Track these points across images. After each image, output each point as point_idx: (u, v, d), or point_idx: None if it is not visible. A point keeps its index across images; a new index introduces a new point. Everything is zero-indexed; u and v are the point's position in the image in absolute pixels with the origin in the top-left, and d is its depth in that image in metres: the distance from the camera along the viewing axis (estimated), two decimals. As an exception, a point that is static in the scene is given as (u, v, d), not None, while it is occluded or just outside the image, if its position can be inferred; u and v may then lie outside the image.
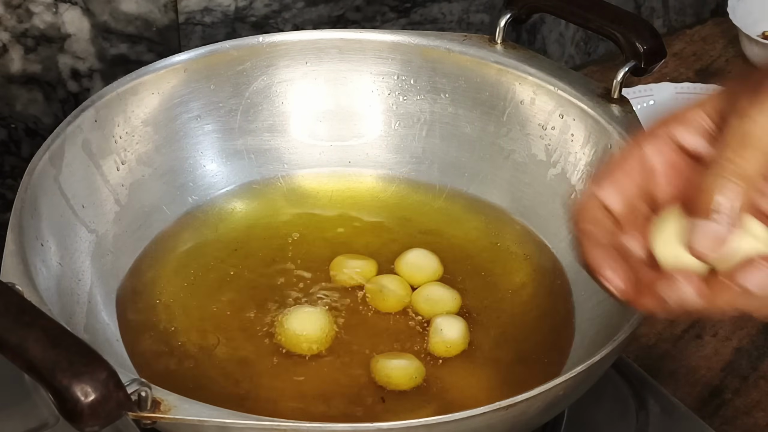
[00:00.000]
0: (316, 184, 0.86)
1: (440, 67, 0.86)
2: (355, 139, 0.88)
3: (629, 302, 0.52)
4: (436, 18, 1.06)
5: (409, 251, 0.80)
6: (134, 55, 0.91)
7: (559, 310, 0.76)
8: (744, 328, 0.88)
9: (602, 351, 0.61)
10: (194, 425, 0.56)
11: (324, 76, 0.87)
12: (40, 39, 0.87)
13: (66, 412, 0.50)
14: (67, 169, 0.74)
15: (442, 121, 0.86)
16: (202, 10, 0.93)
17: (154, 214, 0.81)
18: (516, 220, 0.83)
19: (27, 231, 0.68)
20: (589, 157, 0.80)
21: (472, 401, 0.68)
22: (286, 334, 0.73)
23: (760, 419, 0.80)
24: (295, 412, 0.68)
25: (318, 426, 0.56)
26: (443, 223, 0.84)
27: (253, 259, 0.80)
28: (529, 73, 0.83)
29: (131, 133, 0.80)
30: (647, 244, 0.52)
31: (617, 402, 0.78)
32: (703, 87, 1.04)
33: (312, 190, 0.86)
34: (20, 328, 0.52)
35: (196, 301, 0.76)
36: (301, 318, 0.73)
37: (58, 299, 0.68)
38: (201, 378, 0.71)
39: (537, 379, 0.60)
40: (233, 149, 0.85)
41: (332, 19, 1.00)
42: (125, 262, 0.78)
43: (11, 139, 0.90)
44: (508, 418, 0.59)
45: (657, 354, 0.85)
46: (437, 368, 0.72)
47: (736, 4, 1.18)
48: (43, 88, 0.89)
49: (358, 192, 0.86)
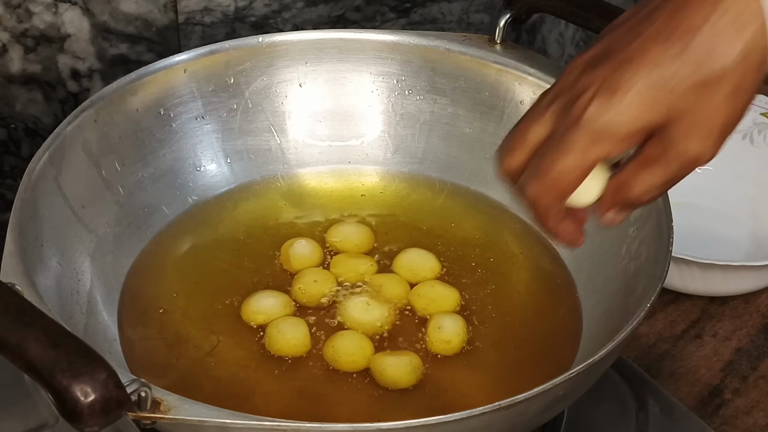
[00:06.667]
0: (316, 184, 0.86)
1: (440, 68, 0.86)
2: (355, 139, 0.88)
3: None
4: (435, 18, 1.06)
5: (407, 250, 0.80)
6: (134, 55, 0.91)
7: (558, 310, 0.76)
8: (744, 328, 0.88)
9: (602, 351, 0.61)
10: (194, 425, 0.56)
11: (324, 76, 0.87)
12: (40, 39, 0.87)
13: (66, 412, 0.50)
14: (67, 169, 0.74)
15: (441, 121, 0.86)
16: (201, 10, 0.93)
17: (154, 214, 0.81)
18: (516, 220, 0.83)
19: (27, 231, 0.68)
20: (589, 157, 0.79)
21: (472, 400, 0.68)
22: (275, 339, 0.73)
23: (760, 419, 0.80)
24: (295, 411, 0.68)
25: (318, 426, 0.56)
26: (443, 222, 0.84)
27: (253, 259, 0.80)
28: (529, 73, 0.83)
29: (131, 133, 0.80)
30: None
31: (617, 402, 0.78)
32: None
33: (312, 189, 0.86)
34: (20, 328, 0.52)
35: (196, 301, 0.76)
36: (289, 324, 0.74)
37: (58, 299, 0.68)
38: (201, 378, 0.71)
39: (536, 379, 0.60)
40: (233, 149, 0.85)
41: (332, 19, 1.00)
42: (125, 262, 0.78)
43: (11, 139, 0.90)
44: (508, 418, 0.59)
45: (657, 354, 0.85)
46: (436, 367, 0.72)
47: (735, 4, 1.18)
48: (43, 88, 0.89)
49: (357, 192, 0.86)
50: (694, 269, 0.86)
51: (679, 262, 0.85)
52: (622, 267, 0.73)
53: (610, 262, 0.75)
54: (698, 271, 0.86)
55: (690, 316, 0.89)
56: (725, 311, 0.89)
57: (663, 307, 0.89)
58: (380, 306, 0.75)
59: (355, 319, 0.74)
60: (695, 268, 0.86)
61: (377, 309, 0.75)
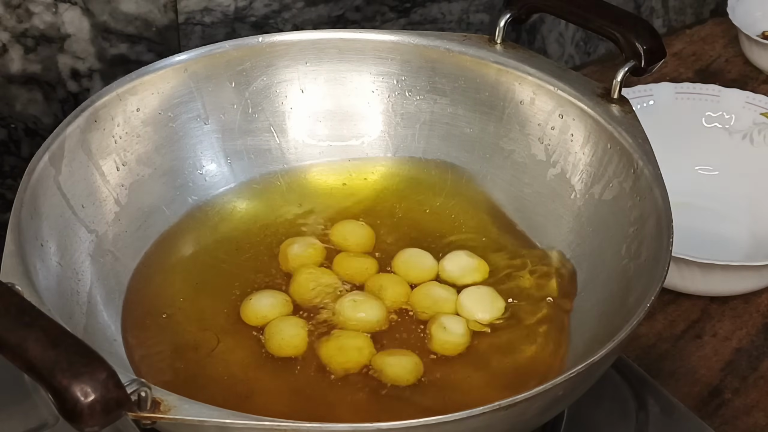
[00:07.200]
0: (316, 183, 0.86)
1: (440, 68, 0.86)
2: (355, 139, 0.88)
3: None
4: (435, 18, 1.06)
5: (406, 250, 0.80)
6: (134, 55, 0.91)
7: (558, 310, 0.76)
8: (744, 328, 0.88)
9: (602, 351, 0.61)
10: (194, 425, 0.56)
11: (324, 76, 0.87)
12: (40, 39, 0.87)
13: (66, 412, 0.50)
14: (67, 169, 0.74)
15: (441, 121, 0.86)
16: (201, 10, 0.93)
17: (154, 214, 0.81)
18: (516, 220, 0.83)
19: (27, 231, 0.68)
20: (589, 157, 0.80)
21: (472, 400, 0.68)
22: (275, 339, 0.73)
23: (760, 419, 0.80)
24: (295, 411, 0.68)
25: (318, 426, 0.56)
26: (443, 222, 0.84)
27: (253, 259, 0.80)
28: (529, 73, 0.83)
29: (131, 133, 0.80)
30: None
31: (617, 402, 0.78)
32: (703, 87, 1.04)
33: (312, 189, 0.86)
34: (20, 329, 0.52)
35: (196, 301, 0.76)
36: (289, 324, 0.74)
37: (58, 299, 0.68)
38: (201, 378, 0.71)
39: (537, 379, 0.60)
40: (233, 149, 0.85)
41: (332, 19, 1.00)
42: (125, 262, 0.78)
43: (11, 139, 0.90)
44: (508, 418, 0.59)
45: (657, 354, 0.85)
46: (436, 367, 0.72)
47: (735, 4, 1.19)
48: (43, 88, 0.89)
49: (357, 192, 0.86)
50: (694, 269, 0.86)
51: (679, 262, 0.85)
52: (622, 267, 0.73)
53: (610, 262, 0.75)
54: (698, 271, 0.86)
55: (690, 316, 0.89)
56: (725, 311, 0.89)
57: (663, 307, 0.89)
58: (376, 305, 0.75)
59: (352, 318, 0.74)
60: (695, 268, 0.86)
61: (374, 308, 0.75)
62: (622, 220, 0.75)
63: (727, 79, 1.18)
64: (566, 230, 0.80)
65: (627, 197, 0.75)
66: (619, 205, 0.76)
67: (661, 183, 0.72)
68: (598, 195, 0.79)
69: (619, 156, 0.77)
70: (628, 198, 0.75)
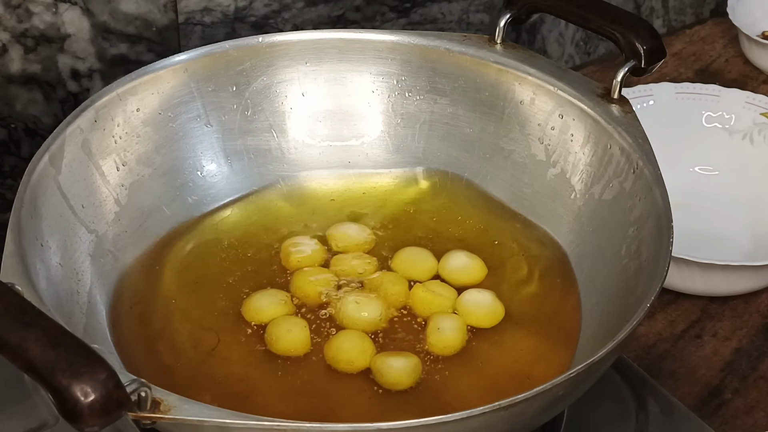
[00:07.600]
0: (316, 183, 0.86)
1: (440, 68, 0.86)
2: (355, 139, 0.88)
3: None
4: (435, 18, 1.06)
5: (405, 249, 0.80)
6: (134, 55, 0.91)
7: (558, 310, 0.76)
8: (744, 328, 0.88)
9: (602, 351, 0.61)
10: (194, 425, 0.56)
11: (324, 76, 0.87)
12: (40, 39, 0.87)
13: (66, 412, 0.50)
14: (66, 169, 0.74)
15: (441, 121, 0.86)
16: (201, 10, 0.93)
17: (154, 214, 0.81)
18: (516, 220, 0.83)
19: (27, 231, 0.68)
20: (589, 157, 0.80)
21: (472, 400, 0.68)
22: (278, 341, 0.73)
23: (760, 419, 0.80)
24: (295, 411, 0.68)
25: (318, 426, 0.56)
26: (443, 222, 0.84)
27: (252, 259, 0.80)
28: (529, 73, 0.83)
29: (131, 133, 0.80)
30: None
31: (617, 402, 0.78)
32: (703, 87, 1.04)
33: (312, 189, 0.86)
34: (20, 329, 0.52)
35: (196, 301, 0.76)
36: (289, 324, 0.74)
37: (58, 299, 0.68)
38: (201, 378, 0.71)
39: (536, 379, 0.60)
40: (233, 149, 0.85)
41: (332, 19, 1.00)
42: (125, 262, 0.78)
43: (11, 139, 0.90)
44: (508, 418, 0.59)
45: (657, 354, 0.85)
46: (436, 367, 0.72)
47: (735, 4, 1.19)
48: (43, 88, 0.89)
49: (357, 191, 0.86)
50: (694, 269, 0.86)
51: (679, 262, 0.85)
52: (622, 267, 0.73)
53: (610, 262, 0.75)
54: (698, 271, 0.86)
55: (690, 316, 0.89)
56: (725, 311, 0.89)
57: (663, 307, 0.89)
58: (376, 304, 0.75)
59: (352, 317, 0.74)
60: (695, 268, 0.86)
61: (373, 307, 0.75)
62: (622, 220, 0.75)
63: (727, 79, 1.18)
64: (566, 230, 0.80)
65: (627, 197, 0.75)
66: (619, 205, 0.76)
67: (661, 183, 0.72)
68: (598, 195, 0.79)
69: (619, 156, 0.77)
70: (628, 198, 0.75)
